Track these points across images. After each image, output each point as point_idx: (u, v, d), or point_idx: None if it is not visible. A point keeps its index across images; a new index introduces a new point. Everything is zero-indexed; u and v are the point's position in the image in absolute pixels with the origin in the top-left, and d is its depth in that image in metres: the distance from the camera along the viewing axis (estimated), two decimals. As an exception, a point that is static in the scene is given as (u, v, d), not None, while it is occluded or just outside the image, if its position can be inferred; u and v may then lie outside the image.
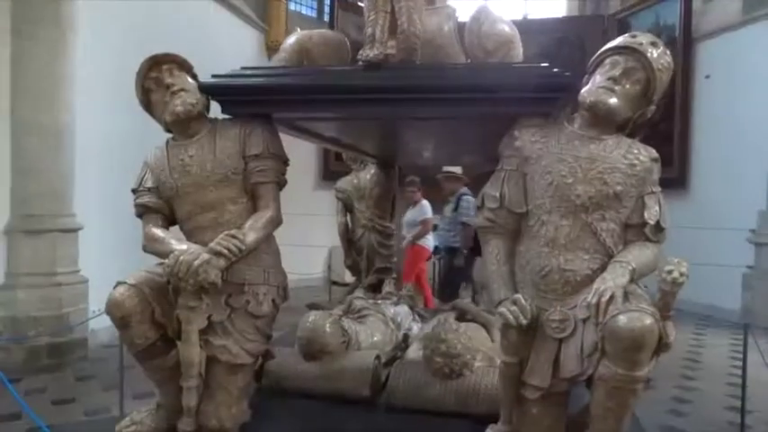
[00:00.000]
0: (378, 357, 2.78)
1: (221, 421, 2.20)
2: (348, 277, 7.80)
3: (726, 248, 7.36)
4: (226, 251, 2.03)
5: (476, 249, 6.20)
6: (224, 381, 2.20)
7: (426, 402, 2.55)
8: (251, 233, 2.15)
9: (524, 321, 1.83)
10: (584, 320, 1.79)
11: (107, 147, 5.54)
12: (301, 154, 8.03)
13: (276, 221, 2.25)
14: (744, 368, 3.34)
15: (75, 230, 5.16)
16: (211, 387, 2.22)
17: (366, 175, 4.68)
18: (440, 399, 2.53)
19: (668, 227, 1.94)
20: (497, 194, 2.03)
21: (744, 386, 3.35)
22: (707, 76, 8.35)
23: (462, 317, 3.34)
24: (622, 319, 1.61)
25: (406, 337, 3.49)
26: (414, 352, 2.90)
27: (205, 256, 2.00)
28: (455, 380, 2.51)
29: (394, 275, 4.70)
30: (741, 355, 5.41)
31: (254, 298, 2.22)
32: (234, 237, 2.07)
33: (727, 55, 8.05)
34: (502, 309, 1.85)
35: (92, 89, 5.33)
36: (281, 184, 2.32)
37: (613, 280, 1.74)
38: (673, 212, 1.99)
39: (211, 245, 2.05)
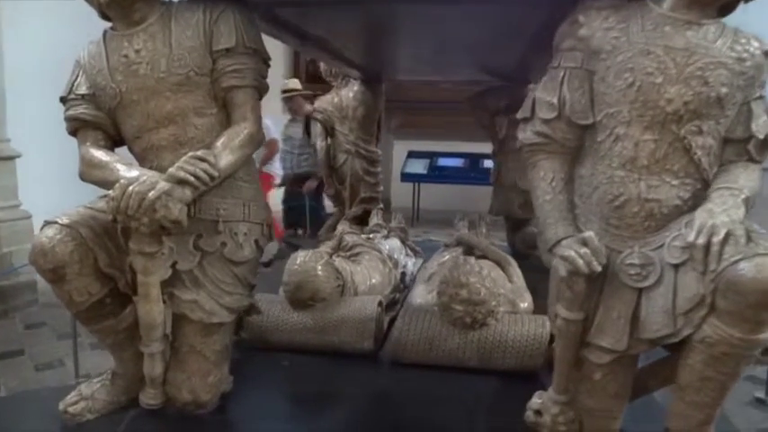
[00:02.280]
0: (380, 304, 2.35)
1: (195, 393, 1.74)
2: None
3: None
4: (192, 178, 1.50)
5: None
6: (197, 344, 1.73)
7: (441, 357, 2.14)
8: (225, 154, 1.62)
9: (599, 268, 1.39)
10: (677, 266, 1.35)
11: (44, 60, 4.75)
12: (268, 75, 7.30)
13: (257, 139, 1.72)
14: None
15: (11, 158, 4.48)
16: (181, 352, 1.75)
17: (348, 93, 4.12)
18: (458, 353, 2.12)
19: None
20: (554, 101, 1.53)
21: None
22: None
23: (470, 253, 2.92)
24: (746, 267, 1.18)
25: (403, 276, 3.07)
26: (421, 296, 2.47)
27: (163, 185, 1.47)
28: (477, 330, 2.10)
29: (381, 206, 4.25)
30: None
31: (233, 239, 1.72)
32: (202, 159, 1.54)
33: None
34: (568, 252, 1.40)
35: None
36: (261, 89, 1.76)
37: (726, 213, 1.30)
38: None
39: (171, 170, 1.51)
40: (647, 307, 1.41)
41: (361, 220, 4.01)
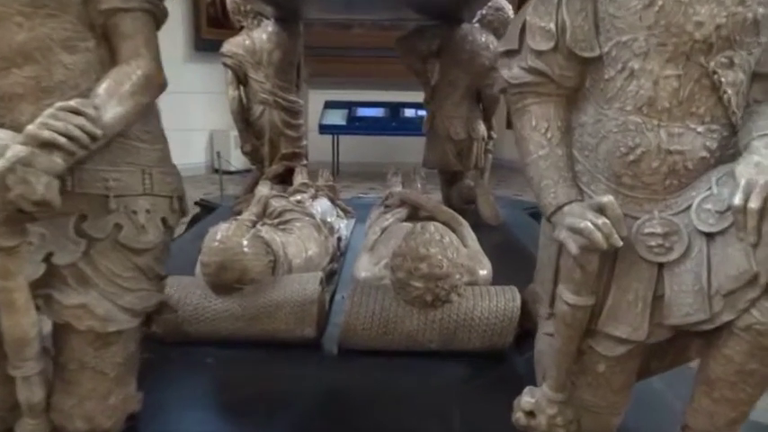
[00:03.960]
0: (322, 282, 1.99)
1: (92, 420, 1.32)
2: (235, 164, 6.78)
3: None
4: (63, 139, 1.04)
5: None
6: (89, 359, 1.30)
7: (398, 341, 1.84)
8: (111, 104, 1.15)
9: (620, 242, 1.09)
10: (712, 234, 1.09)
11: None
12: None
13: (157, 82, 1.26)
14: None
15: None
16: (68, 370, 1.31)
17: (262, 34, 3.59)
18: (417, 335, 1.82)
19: None
20: (551, 27, 1.20)
21: None
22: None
23: (415, 214, 2.61)
24: None
25: (338, 241, 2.72)
26: (366, 269, 2.13)
27: (18, 150, 1.01)
28: (439, 308, 1.81)
29: (304, 162, 3.83)
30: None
31: (130, 219, 1.28)
32: (77, 111, 1.07)
33: None
34: (583, 223, 1.09)
35: None
36: (159, 15, 1.30)
37: None
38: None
39: (31, 128, 1.04)
40: (671, 286, 1.14)
41: (283, 179, 3.59)
